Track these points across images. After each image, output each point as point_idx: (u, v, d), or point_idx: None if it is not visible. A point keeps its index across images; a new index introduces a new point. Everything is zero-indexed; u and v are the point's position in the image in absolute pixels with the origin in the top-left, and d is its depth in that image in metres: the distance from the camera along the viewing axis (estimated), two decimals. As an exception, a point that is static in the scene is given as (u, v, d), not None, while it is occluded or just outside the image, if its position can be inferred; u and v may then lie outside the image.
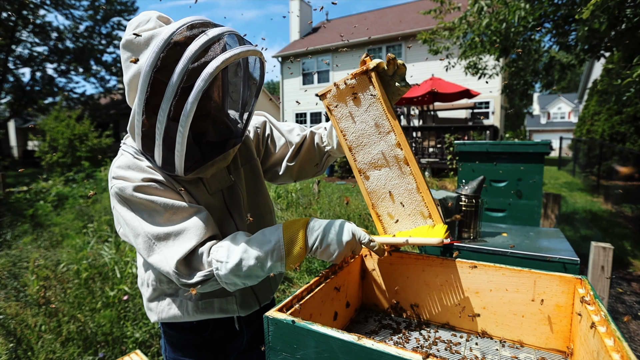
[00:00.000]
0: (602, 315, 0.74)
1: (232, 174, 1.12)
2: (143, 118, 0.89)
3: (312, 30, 22.39)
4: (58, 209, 7.20)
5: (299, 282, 3.87)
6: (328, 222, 0.94)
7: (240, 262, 0.88)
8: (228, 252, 0.90)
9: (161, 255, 0.91)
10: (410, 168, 1.05)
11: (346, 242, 0.90)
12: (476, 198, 1.70)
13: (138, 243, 0.93)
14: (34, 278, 3.50)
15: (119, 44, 0.92)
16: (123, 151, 1.01)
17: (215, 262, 0.90)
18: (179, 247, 0.90)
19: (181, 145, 0.87)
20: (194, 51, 0.81)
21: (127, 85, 0.91)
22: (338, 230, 0.91)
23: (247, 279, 0.92)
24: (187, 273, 0.91)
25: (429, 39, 6.02)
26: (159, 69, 0.84)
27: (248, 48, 0.88)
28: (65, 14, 20.99)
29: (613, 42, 3.72)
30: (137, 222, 0.92)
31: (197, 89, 0.81)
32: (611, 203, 8.08)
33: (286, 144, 1.26)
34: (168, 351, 1.20)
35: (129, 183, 0.92)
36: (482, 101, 15.32)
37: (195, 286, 0.91)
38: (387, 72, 1.04)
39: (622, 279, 4.05)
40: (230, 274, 0.89)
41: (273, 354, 0.78)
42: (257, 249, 0.90)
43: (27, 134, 25.74)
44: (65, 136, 13.85)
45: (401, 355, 0.62)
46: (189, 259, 0.92)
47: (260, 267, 0.90)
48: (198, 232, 0.92)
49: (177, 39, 0.84)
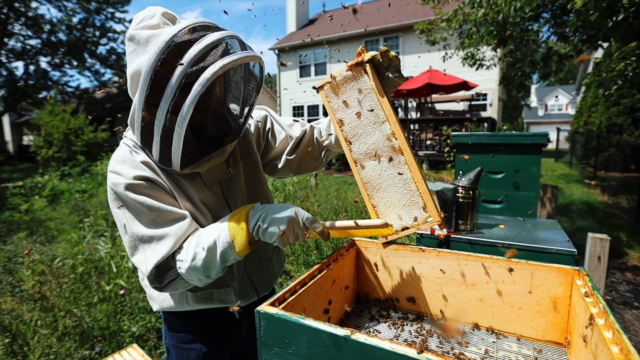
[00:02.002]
0: (600, 307, 0.72)
1: (230, 167, 1.13)
2: (143, 114, 0.91)
3: (309, 22, 22.16)
4: (54, 203, 7.15)
5: (296, 275, 3.87)
6: (272, 204, 0.96)
7: (195, 256, 0.92)
8: (187, 250, 0.94)
9: (142, 257, 0.95)
10: (405, 158, 1.04)
11: (287, 221, 0.90)
12: (473, 189, 1.68)
13: (125, 241, 0.98)
14: (29, 273, 3.48)
15: (113, 36, 0.91)
16: (122, 144, 1.03)
17: (178, 262, 0.95)
18: (158, 252, 0.94)
19: (178, 143, 0.89)
20: (193, 55, 0.83)
21: (130, 78, 0.92)
22: (279, 210, 0.92)
23: (206, 271, 0.94)
24: (159, 278, 0.97)
25: (426, 29, 5.96)
26: (162, 63, 0.86)
27: (247, 54, 0.90)
28: (58, 6, 20.66)
29: (610, 32, 3.69)
30: (125, 221, 0.96)
31: (194, 92, 0.83)
32: (608, 194, 8.11)
33: (286, 138, 1.27)
34: (168, 338, 1.22)
35: (121, 180, 0.95)
36: (480, 93, 15.27)
37: (165, 288, 0.97)
38: (381, 64, 1.05)
39: (616, 269, 4.08)
40: (190, 270, 0.93)
41: (265, 349, 0.76)
42: (206, 240, 0.92)
43: (22, 129, 25.51)
44: (61, 130, 13.71)
45: (395, 350, 0.60)
46: (163, 264, 0.96)
47: (212, 257, 0.92)
48: (176, 238, 0.95)
49: (178, 42, 0.86)
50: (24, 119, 21.83)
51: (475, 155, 2.31)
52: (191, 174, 1.04)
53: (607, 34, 3.82)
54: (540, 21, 4.74)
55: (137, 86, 0.89)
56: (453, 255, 1.05)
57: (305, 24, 21.99)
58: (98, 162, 10.49)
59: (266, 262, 1.23)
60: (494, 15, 4.46)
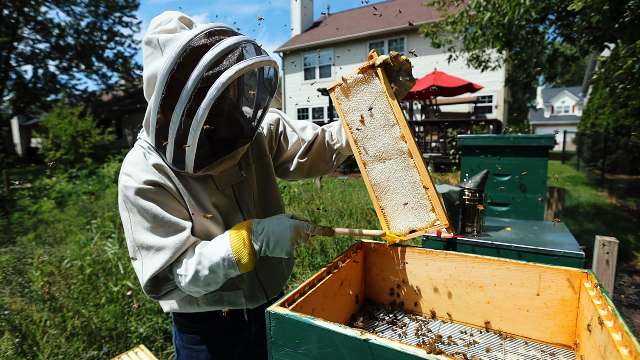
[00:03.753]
0: (609, 310, 0.72)
1: (243, 170, 1.14)
2: (158, 116, 0.92)
3: (314, 25, 22.24)
4: (61, 205, 7.23)
5: (301, 278, 3.88)
6: (268, 223, 0.98)
7: (197, 273, 0.95)
8: (186, 265, 0.96)
9: (140, 265, 0.98)
10: (414, 161, 1.05)
11: (290, 239, 0.95)
12: (480, 192, 1.68)
13: (127, 243, 1.01)
14: (38, 274, 3.52)
15: (120, 40, 0.94)
16: (137, 145, 1.06)
17: (177, 276, 0.97)
18: (155, 264, 0.96)
19: (192, 146, 0.91)
20: (209, 59, 0.84)
21: (146, 81, 0.94)
22: (280, 231, 0.95)
23: (207, 287, 0.98)
24: (156, 288, 1.00)
25: (432, 32, 5.96)
26: (178, 68, 0.88)
27: (262, 59, 0.92)
28: (67, 11, 20.95)
29: (617, 34, 3.66)
30: (130, 226, 0.98)
31: (210, 97, 0.85)
32: (615, 197, 8.03)
33: (298, 141, 1.28)
34: (178, 339, 1.23)
35: (132, 183, 0.96)
36: (485, 95, 15.21)
37: (162, 298, 1.01)
38: (392, 67, 1.06)
39: (624, 272, 4.03)
40: (190, 285, 0.96)
41: (275, 350, 0.77)
42: (209, 260, 0.95)
43: (30, 131, 25.83)
44: (68, 133, 13.88)
45: (405, 350, 0.61)
46: (160, 275, 0.99)
47: (215, 275, 0.96)
48: (173, 251, 0.96)
49: (194, 46, 0.87)
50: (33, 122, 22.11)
51: (481, 158, 2.30)
52: (203, 176, 1.06)
53: (613, 35, 3.80)
54: (545, 23, 4.72)
55: (153, 89, 0.91)
56: (460, 258, 1.06)
57: (310, 27, 22.07)
58: (105, 164, 10.60)
59: (276, 265, 1.24)
60: (499, 19, 4.46)
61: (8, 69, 19.59)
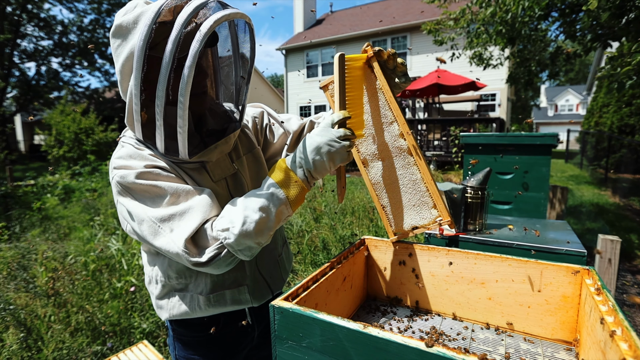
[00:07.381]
0: (609, 306, 0.73)
1: (234, 163, 1.12)
2: (142, 98, 0.87)
3: (316, 22, 22.19)
4: (65, 202, 7.28)
5: (303, 275, 3.89)
6: (298, 149, 0.93)
7: (245, 221, 0.85)
8: (230, 217, 0.87)
9: (167, 238, 0.86)
10: (413, 158, 1.05)
11: (324, 143, 0.88)
12: (482, 190, 1.69)
13: (143, 230, 0.89)
14: (42, 270, 3.55)
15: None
16: (123, 143, 0.99)
17: (221, 233, 0.86)
18: (185, 226, 0.86)
19: (183, 119, 0.85)
20: (185, 16, 0.81)
21: (120, 73, 0.90)
22: (311, 143, 0.90)
23: (259, 236, 0.87)
24: (197, 252, 0.87)
25: (434, 29, 5.93)
26: (152, 47, 0.84)
27: (238, 10, 0.89)
28: (70, 7, 20.99)
29: (621, 31, 3.64)
30: (141, 209, 0.89)
31: (194, 50, 0.81)
32: (619, 196, 8.00)
33: (285, 134, 1.27)
34: (178, 349, 1.17)
35: (131, 170, 0.90)
36: (488, 93, 15.15)
37: (208, 264, 0.86)
38: (388, 65, 1.04)
39: (627, 271, 4.03)
40: (240, 237, 0.85)
41: (279, 343, 0.78)
42: (255, 202, 0.87)
43: (33, 128, 25.93)
44: (72, 130, 13.92)
45: (407, 343, 0.62)
46: (196, 237, 0.88)
47: (266, 217, 0.87)
48: (203, 209, 0.89)
49: (166, 11, 0.84)
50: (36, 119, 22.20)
51: (484, 156, 2.31)
52: (198, 169, 1.03)
53: (617, 33, 3.77)
54: (549, 20, 4.69)
55: (130, 77, 0.87)
56: (462, 254, 1.06)
57: (313, 24, 22.02)
58: (107, 161, 10.63)
59: (276, 257, 1.24)
60: (502, 15, 4.43)
61: (11, 66, 19.65)
